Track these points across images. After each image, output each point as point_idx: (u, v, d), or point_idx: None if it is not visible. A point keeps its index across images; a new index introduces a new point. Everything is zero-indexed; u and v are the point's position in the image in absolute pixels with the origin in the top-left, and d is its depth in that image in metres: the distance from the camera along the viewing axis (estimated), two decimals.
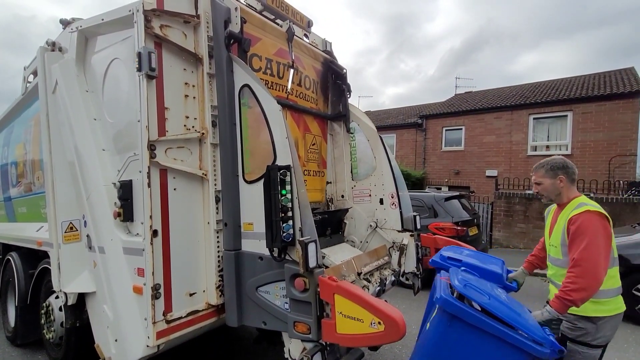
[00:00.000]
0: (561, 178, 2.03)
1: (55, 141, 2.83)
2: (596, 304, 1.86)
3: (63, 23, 2.96)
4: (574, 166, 2.10)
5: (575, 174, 2.07)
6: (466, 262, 2.37)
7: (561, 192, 2.05)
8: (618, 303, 1.92)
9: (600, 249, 1.75)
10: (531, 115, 11.97)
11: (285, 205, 1.89)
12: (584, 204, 1.92)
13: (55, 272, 2.76)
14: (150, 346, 2.07)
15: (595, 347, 1.88)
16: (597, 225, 1.80)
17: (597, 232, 1.78)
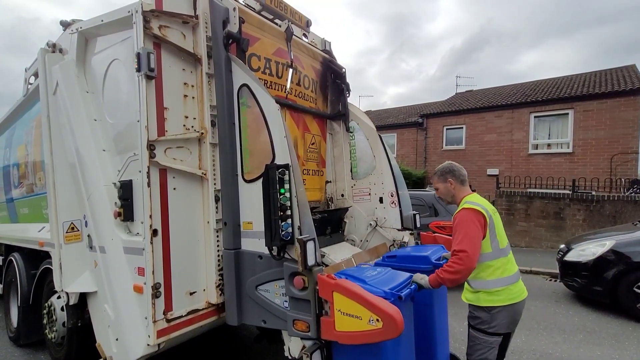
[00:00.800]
0: (450, 181, 2.26)
1: (56, 142, 2.85)
2: (488, 294, 2.03)
3: (63, 25, 2.97)
4: (462, 168, 2.32)
5: (463, 176, 2.28)
6: (400, 255, 2.70)
7: (454, 193, 2.27)
8: (510, 294, 2.03)
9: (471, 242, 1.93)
10: (532, 114, 11.94)
11: (284, 204, 1.89)
12: (465, 202, 2.13)
13: (57, 272, 2.78)
14: (150, 345, 2.07)
15: (491, 335, 2.03)
16: (469, 219, 1.99)
17: (469, 227, 1.97)
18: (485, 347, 2.06)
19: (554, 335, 3.83)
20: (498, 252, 2.06)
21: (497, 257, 2.05)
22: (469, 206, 2.05)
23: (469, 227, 1.97)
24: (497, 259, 2.04)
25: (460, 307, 4.69)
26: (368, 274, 2.07)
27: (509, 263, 2.09)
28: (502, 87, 15.43)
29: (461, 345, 3.64)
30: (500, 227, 2.12)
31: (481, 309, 2.06)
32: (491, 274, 2.03)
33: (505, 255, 2.08)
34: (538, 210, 9.04)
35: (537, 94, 12.36)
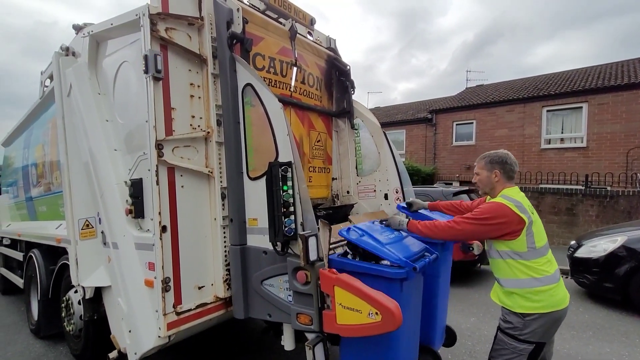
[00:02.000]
0: (497, 172, 2.06)
1: (70, 142, 2.96)
2: (523, 299, 1.89)
3: (75, 29, 3.07)
4: (515, 164, 2.09)
5: (512, 171, 2.07)
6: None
7: (494, 186, 2.08)
8: (551, 299, 1.86)
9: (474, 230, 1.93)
10: (544, 108, 11.68)
11: (287, 201, 1.94)
12: (502, 195, 2.00)
13: (74, 267, 2.90)
14: (161, 337, 2.16)
15: (522, 342, 1.87)
16: (496, 209, 1.89)
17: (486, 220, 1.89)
18: (512, 354, 1.90)
19: (563, 332, 3.79)
20: (534, 252, 1.90)
21: (534, 257, 1.90)
22: (504, 201, 1.91)
23: (485, 217, 1.88)
24: (535, 259, 1.89)
25: (467, 303, 4.71)
26: (385, 236, 2.12)
27: (546, 263, 1.92)
28: (513, 81, 15.12)
29: (467, 341, 3.65)
30: (539, 226, 1.97)
31: (515, 314, 1.91)
32: (528, 274, 1.87)
33: (542, 255, 1.92)
34: (550, 206, 8.88)
35: (549, 88, 12.09)
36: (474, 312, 4.45)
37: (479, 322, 4.13)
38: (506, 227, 1.86)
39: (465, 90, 16.65)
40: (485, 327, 3.98)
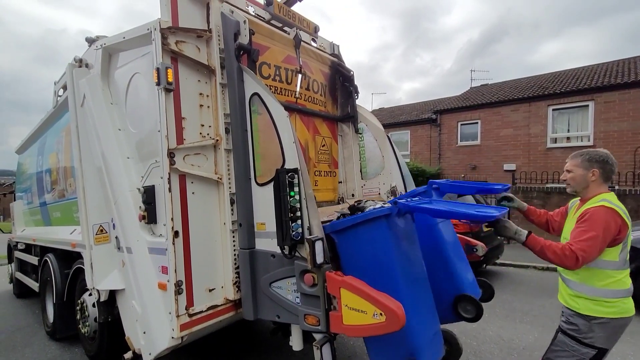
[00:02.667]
0: (594, 172, 1.93)
1: (84, 150, 3.08)
2: (593, 302, 1.83)
3: (88, 41, 3.20)
4: (615, 164, 1.97)
5: (612, 172, 1.95)
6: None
7: (589, 185, 1.95)
8: (619, 307, 1.80)
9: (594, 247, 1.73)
10: (550, 107, 11.62)
11: (293, 206, 2.02)
12: (604, 199, 1.84)
13: (89, 271, 3.01)
14: (174, 338, 2.25)
15: (584, 345, 1.83)
16: (607, 222, 1.75)
17: (602, 229, 1.74)
18: (572, 357, 1.85)
19: None
20: (623, 263, 1.83)
21: (620, 268, 1.82)
22: (612, 206, 1.78)
23: (601, 230, 1.73)
24: (619, 270, 1.82)
25: None
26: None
27: (627, 276, 1.87)
28: (518, 80, 15.05)
29: (472, 341, 3.69)
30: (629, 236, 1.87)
31: (581, 316, 1.85)
32: (608, 284, 1.80)
33: (626, 268, 1.87)
34: (556, 205, 8.83)
35: (555, 86, 12.02)
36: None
37: (484, 322, 4.16)
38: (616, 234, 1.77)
39: (470, 90, 16.60)
40: (490, 327, 4.01)
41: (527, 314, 4.38)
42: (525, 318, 4.26)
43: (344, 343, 3.64)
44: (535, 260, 6.79)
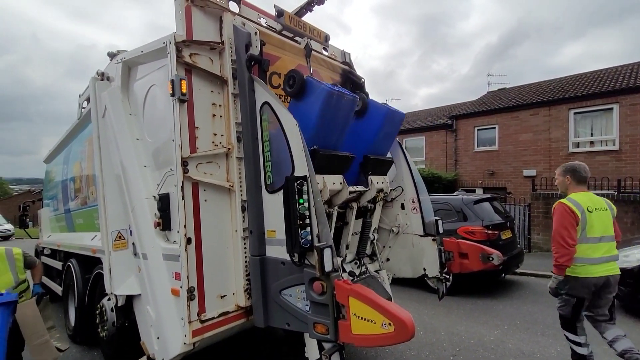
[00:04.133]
0: (568, 178, 2.87)
1: (105, 159, 3.21)
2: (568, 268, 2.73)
3: (110, 55, 3.36)
4: (584, 170, 2.85)
5: (582, 177, 2.83)
6: None
7: (567, 188, 2.89)
8: (585, 272, 2.70)
9: (561, 232, 2.65)
10: (571, 110, 11.23)
11: (302, 214, 2.03)
12: (566, 198, 2.78)
13: (107, 277, 3.11)
14: (187, 344, 2.28)
15: (568, 295, 2.78)
16: (562, 211, 2.70)
17: (560, 216, 2.70)
18: (561, 303, 2.87)
19: (594, 347, 3.60)
20: (584, 239, 2.70)
21: (581, 243, 2.69)
22: (564, 201, 2.75)
23: (558, 220, 2.69)
24: (581, 244, 2.68)
25: (490, 314, 4.58)
26: None
27: (590, 249, 2.70)
28: (537, 83, 14.65)
29: (490, 354, 3.56)
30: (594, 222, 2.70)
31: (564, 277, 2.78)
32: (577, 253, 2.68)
33: (588, 243, 2.70)
34: None
35: (576, 89, 11.62)
36: (498, 324, 4.32)
37: (503, 334, 4.01)
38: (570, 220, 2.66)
39: (487, 94, 16.28)
40: (510, 340, 3.86)
41: (549, 326, 4.19)
42: (548, 331, 4.07)
43: (356, 353, 3.59)
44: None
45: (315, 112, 2.42)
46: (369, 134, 3.11)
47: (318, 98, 2.41)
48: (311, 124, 2.43)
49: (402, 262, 3.47)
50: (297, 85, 2.47)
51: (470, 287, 5.47)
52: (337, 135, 2.67)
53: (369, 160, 3.03)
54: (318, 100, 2.41)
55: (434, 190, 11.40)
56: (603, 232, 2.72)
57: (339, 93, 2.45)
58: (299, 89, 2.47)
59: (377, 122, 3.11)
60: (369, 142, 3.11)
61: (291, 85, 2.51)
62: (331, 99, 2.41)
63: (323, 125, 2.48)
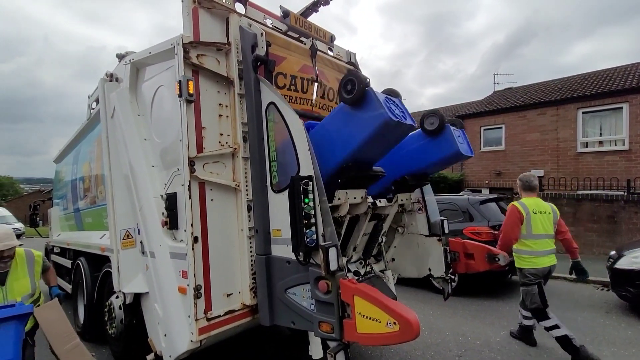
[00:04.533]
0: (520, 186, 3.68)
1: (113, 159, 3.26)
2: (520, 260, 3.49)
3: (118, 57, 3.41)
4: (529, 179, 3.61)
5: (527, 185, 3.59)
6: None
7: (520, 194, 3.68)
8: (535, 263, 3.41)
9: (507, 226, 3.44)
10: (580, 110, 11.09)
11: (308, 213, 2.04)
12: (516, 202, 3.52)
13: (115, 275, 3.15)
14: (193, 341, 2.31)
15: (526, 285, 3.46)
16: (511, 211, 3.44)
17: (508, 216, 3.45)
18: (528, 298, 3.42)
19: (602, 349, 3.57)
20: (529, 235, 3.39)
21: (528, 238, 3.40)
22: (514, 203, 3.49)
23: (508, 218, 3.45)
24: (527, 239, 3.40)
25: (496, 316, 4.55)
26: None
27: (535, 244, 3.39)
28: (545, 82, 14.49)
29: (497, 355, 3.54)
30: (537, 222, 3.38)
31: (519, 269, 3.50)
32: (522, 247, 3.44)
33: (533, 239, 3.39)
34: (588, 213, 8.37)
35: (585, 88, 11.47)
36: (505, 325, 4.28)
37: (510, 335, 3.98)
38: (516, 218, 3.39)
39: (493, 93, 16.15)
40: (516, 341, 3.83)
41: None
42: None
43: (361, 353, 3.59)
44: (565, 271, 6.43)
45: (365, 133, 2.18)
46: (426, 158, 2.85)
47: (374, 120, 2.14)
48: (356, 141, 2.22)
49: (407, 262, 3.47)
50: (357, 93, 2.17)
51: (477, 288, 5.44)
52: (379, 154, 2.52)
53: (405, 181, 2.87)
54: (373, 122, 2.14)
55: (439, 191, 11.35)
56: (544, 231, 3.37)
57: (397, 123, 2.15)
58: (358, 100, 2.19)
59: (439, 153, 2.83)
60: (419, 165, 2.88)
61: (349, 91, 2.22)
62: (387, 127, 2.14)
63: (367, 146, 2.26)
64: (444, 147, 2.80)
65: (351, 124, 2.25)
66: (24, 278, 2.66)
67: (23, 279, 2.65)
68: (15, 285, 2.60)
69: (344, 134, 2.19)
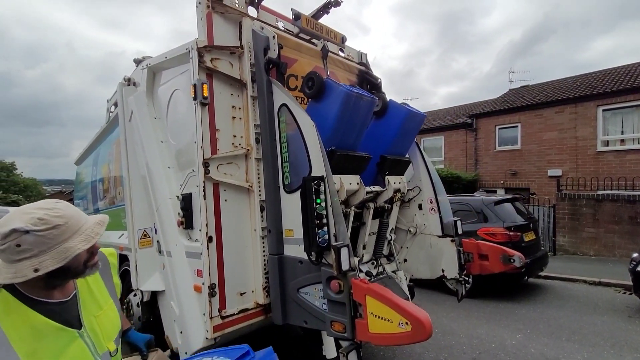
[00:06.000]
0: None
1: (131, 161, 3.36)
2: None
3: (136, 62, 3.51)
4: None
5: None
6: None
7: None
8: None
9: None
10: (600, 107, 10.72)
11: (320, 213, 2.06)
12: None
13: (133, 273, 3.25)
14: (208, 338, 2.37)
15: None
16: None
17: None
18: None
19: (624, 354, 3.46)
20: None
21: None
22: None
23: None
24: None
25: (512, 318, 4.47)
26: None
27: None
28: (562, 79, 14.08)
29: (512, 359, 3.47)
30: None
31: None
32: None
33: None
34: (609, 214, 8.08)
35: (605, 85, 11.09)
36: (520, 328, 4.20)
37: (526, 339, 3.89)
38: None
39: (509, 92, 15.79)
40: (532, 344, 3.74)
41: (575, 332, 4.03)
42: (573, 337, 3.92)
43: (374, 354, 3.58)
44: (585, 274, 6.25)
45: (334, 113, 2.44)
46: (388, 134, 3.10)
47: (336, 99, 2.42)
48: (329, 125, 2.45)
49: (419, 263, 3.45)
50: (316, 86, 2.50)
51: (492, 290, 5.34)
52: (355, 136, 2.68)
53: (385, 160, 3.02)
54: (336, 101, 2.42)
55: (453, 191, 11.18)
56: None
57: (357, 94, 2.46)
58: (318, 91, 2.50)
59: (396, 123, 3.09)
60: (387, 143, 3.10)
61: (310, 86, 2.54)
62: (349, 101, 2.43)
63: (341, 126, 2.49)
64: (396, 115, 3.08)
65: (321, 111, 2.47)
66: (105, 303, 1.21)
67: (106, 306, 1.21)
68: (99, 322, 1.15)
69: (319, 123, 2.30)
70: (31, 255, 0.90)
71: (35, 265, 0.90)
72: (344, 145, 2.56)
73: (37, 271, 0.90)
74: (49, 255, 0.91)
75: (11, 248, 0.89)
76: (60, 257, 0.92)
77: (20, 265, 0.90)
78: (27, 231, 0.89)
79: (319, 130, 2.26)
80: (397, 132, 3.09)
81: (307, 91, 2.57)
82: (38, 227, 0.90)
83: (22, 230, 0.88)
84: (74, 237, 0.96)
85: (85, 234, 0.98)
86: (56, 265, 0.92)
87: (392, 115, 3.12)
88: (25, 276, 0.89)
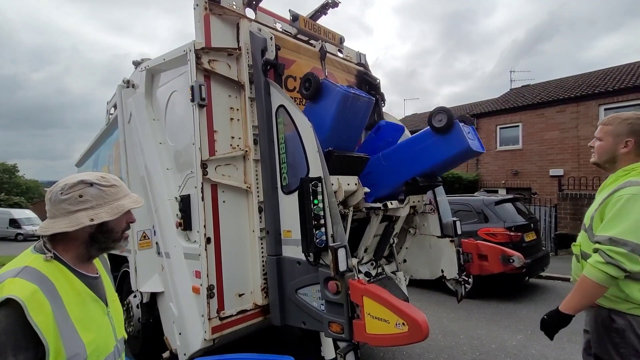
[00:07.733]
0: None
1: (130, 163, 3.37)
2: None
3: (135, 64, 3.52)
4: None
5: None
6: None
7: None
8: None
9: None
10: (602, 106, 10.70)
11: (317, 214, 2.06)
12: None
13: (133, 274, 3.26)
14: (207, 340, 2.36)
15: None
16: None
17: None
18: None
19: None
20: None
21: None
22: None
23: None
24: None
25: (513, 319, 4.45)
26: None
27: None
28: (564, 79, 14.05)
29: None
30: None
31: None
32: None
33: None
34: None
35: (607, 84, 11.06)
36: (521, 328, 4.18)
37: (526, 339, 3.88)
38: None
39: (510, 91, 15.77)
40: (533, 345, 3.73)
41: (576, 333, 3.96)
42: (574, 337, 3.89)
43: (372, 355, 3.57)
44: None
45: (331, 114, 2.43)
46: (436, 156, 2.76)
47: (334, 100, 2.42)
48: (327, 125, 2.45)
49: (419, 264, 3.44)
50: (313, 87, 2.49)
51: (492, 290, 5.32)
52: (353, 136, 2.67)
53: (417, 183, 2.80)
54: (334, 102, 2.42)
55: (454, 191, 11.16)
56: None
57: (354, 95, 2.45)
58: (315, 92, 2.49)
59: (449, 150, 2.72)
60: (428, 164, 2.80)
61: (307, 88, 2.54)
62: (347, 101, 2.42)
63: (338, 127, 2.49)
64: (454, 144, 2.69)
65: (319, 112, 2.45)
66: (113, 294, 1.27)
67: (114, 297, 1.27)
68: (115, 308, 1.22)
69: (316, 124, 2.30)
70: (89, 207, 1.01)
71: (91, 216, 1.01)
72: (341, 146, 2.55)
73: (92, 220, 1.00)
74: (104, 209, 1.03)
75: (73, 198, 1.00)
76: (113, 212, 1.05)
77: (76, 215, 1.00)
78: (92, 184, 1.02)
79: (317, 131, 2.26)
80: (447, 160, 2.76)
81: (304, 92, 2.57)
82: (101, 182, 1.04)
83: (88, 182, 1.02)
84: (125, 197, 1.10)
85: (134, 198, 1.12)
86: (109, 217, 1.03)
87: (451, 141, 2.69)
88: (82, 224, 0.99)
